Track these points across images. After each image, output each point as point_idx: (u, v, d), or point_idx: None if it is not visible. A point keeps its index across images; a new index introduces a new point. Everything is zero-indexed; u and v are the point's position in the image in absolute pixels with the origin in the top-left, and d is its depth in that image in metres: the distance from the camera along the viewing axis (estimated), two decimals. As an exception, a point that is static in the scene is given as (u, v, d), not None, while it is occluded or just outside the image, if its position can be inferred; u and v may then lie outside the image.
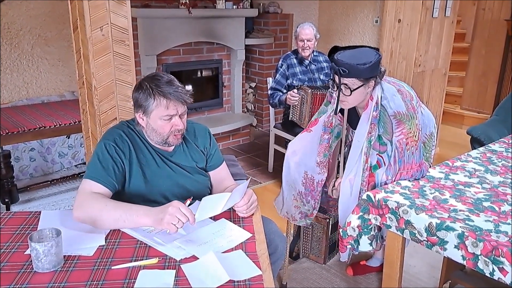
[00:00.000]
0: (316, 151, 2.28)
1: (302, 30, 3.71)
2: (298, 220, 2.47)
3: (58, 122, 3.28)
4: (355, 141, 2.13)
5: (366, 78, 2.01)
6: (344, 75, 1.99)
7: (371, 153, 2.09)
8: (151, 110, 1.75)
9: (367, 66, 1.96)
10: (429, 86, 4.57)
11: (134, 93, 1.80)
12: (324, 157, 2.27)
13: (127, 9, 2.42)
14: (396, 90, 2.09)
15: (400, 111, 2.04)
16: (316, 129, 2.30)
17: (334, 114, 2.21)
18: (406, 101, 2.07)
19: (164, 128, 1.78)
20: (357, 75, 1.99)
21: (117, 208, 1.63)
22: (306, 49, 3.74)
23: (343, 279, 2.72)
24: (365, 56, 2.01)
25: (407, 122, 2.04)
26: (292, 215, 2.48)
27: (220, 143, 5.03)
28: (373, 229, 2.01)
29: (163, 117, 1.75)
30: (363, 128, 2.09)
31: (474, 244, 1.59)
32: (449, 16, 4.44)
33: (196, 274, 1.39)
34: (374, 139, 2.08)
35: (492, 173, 2.19)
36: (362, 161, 2.09)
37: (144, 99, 1.74)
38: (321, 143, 2.27)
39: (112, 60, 2.44)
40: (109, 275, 1.38)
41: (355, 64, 1.96)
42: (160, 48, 4.38)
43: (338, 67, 1.99)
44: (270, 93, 3.86)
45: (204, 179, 1.97)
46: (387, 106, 2.05)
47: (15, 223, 1.70)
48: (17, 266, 1.42)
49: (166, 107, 1.73)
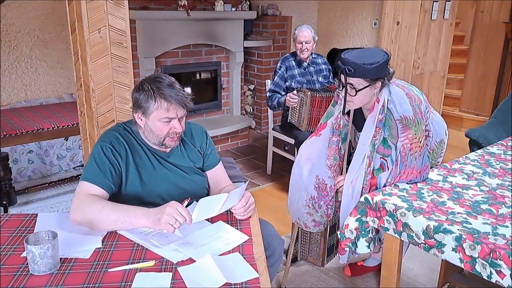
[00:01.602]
0: (326, 155, 2.24)
1: (301, 33, 3.72)
2: (311, 228, 2.42)
3: (57, 124, 3.28)
4: (359, 144, 2.09)
5: (373, 78, 1.96)
6: (349, 74, 1.95)
7: (375, 157, 2.06)
8: (151, 112, 1.75)
9: (374, 66, 1.92)
10: (428, 89, 4.57)
11: (134, 93, 1.80)
12: (334, 160, 2.22)
13: (125, 11, 2.42)
14: (405, 93, 2.03)
15: (407, 116, 1.99)
16: (325, 133, 2.24)
17: (342, 115, 2.17)
18: (414, 106, 2.02)
19: (162, 130, 1.78)
20: (363, 75, 1.94)
21: (114, 210, 1.63)
22: (304, 51, 3.75)
23: (341, 281, 2.72)
24: (373, 56, 1.96)
25: (413, 127, 2.00)
26: (304, 222, 2.41)
27: (219, 146, 5.03)
28: (370, 232, 2.00)
29: (162, 119, 1.75)
30: (369, 132, 2.04)
31: (472, 246, 1.59)
32: (448, 19, 4.45)
33: (193, 276, 1.39)
34: (378, 143, 2.04)
35: (490, 175, 2.19)
36: (365, 165, 2.06)
37: (145, 100, 1.74)
38: (330, 145, 2.22)
39: (110, 62, 2.43)
40: (106, 278, 1.38)
41: (362, 64, 1.91)
42: (159, 50, 4.38)
43: (344, 66, 1.95)
44: (268, 95, 3.86)
45: (201, 179, 1.97)
46: (393, 110, 2.00)
47: (12, 225, 1.69)
48: (13, 269, 1.41)
49: (167, 110, 1.73)
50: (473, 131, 3.63)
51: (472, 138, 3.55)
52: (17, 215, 1.79)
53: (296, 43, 3.77)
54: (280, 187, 4.04)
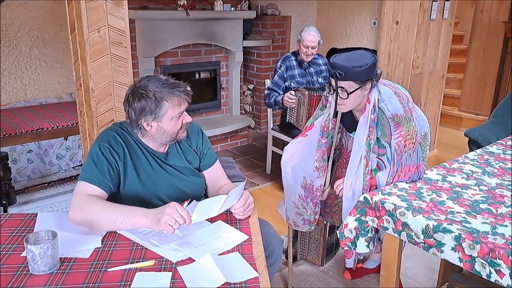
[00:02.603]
0: (314, 156, 2.25)
1: (308, 37, 3.69)
2: (301, 227, 2.46)
3: (56, 124, 3.28)
4: (355, 145, 2.10)
5: (363, 80, 1.99)
6: (340, 78, 1.98)
7: (371, 157, 2.09)
8: (164, 113, 1.74)
9: (363, 69, 1.95)
10: (427, 88, 4.57)
11: (135, 103, 1.73)
12: (324, 161, 2.25)
13: (125, 11, 2.42)
14: (393, 92, 2.07)
15: (398, 114, 2.03)
16: (312, 134, 2.27)
17: (332, 118, 2.19)
18: (404, 104, 2.06)
19: (176, 126, 1.79)
20: (354, 78, 1.97)
21: (113, 210, 1.63)
22: (309, 55, 3.74)
23: (341, 281, 2.72)
24: (361, 58, 2.00)
25: (405, 124, 2.03)
26: (294, 222, 2.46)
27: (218, 145, 5.03)
28: (370, 231, 2.00)
29: (175, 116, 1.76)
30: (363, 132, 2.07)
31: (471, 246, 1.59)
32: (447, 18, 4.45)
33: (193, 276, 1.39)
34: (373, 142, 2.07)
35: (490, 175, 2.19)
36: (362, 165, 2.07)
37: (155, 105, 1.72)
38: (319, 148, 2.24)
39: (109, 62, 2.43)
40: (105, 277, 1.38)
41: (351, 67, 1.94)
42: (158, 50, 4.38)
43: (334, 70, 1.98)
44: (266, 93, 3.86)
45: (199, 181, 1.97)
46: (384, 108, 2.03)
47: (11, 225, 1.69)
48: (13, 268, 1.41)
49: (179, 104, 1.75)
50: (472, 130, 3.64)
51: (471, 137, 3.56)
52: (16, 215, 1.79)
53: (301, 45, 3.75)
54: (279, 187, 4.04)
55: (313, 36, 3.70)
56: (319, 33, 3.75)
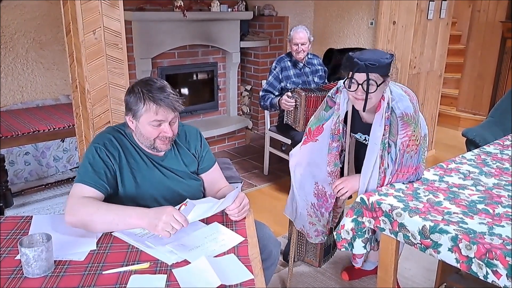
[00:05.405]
0: (326, 161, 2.20)
1: (296, 34, 3.71)
2: (314, 238, 2.43)
3: (53, 126, 3.27)
4: (371, 144, 2.06)
5: (385, 74, 1.97)
6: (371, 69, 1.92)
7: (385, 156, 2.04)
8: (141, 115, 1.74)
9: (390, 61, 1.95)
10: (425, 88, 4.57)
11: (125, 95, 1.80)
12: (335, 166, 2.20)
13: (120, 12, 2.42)
14: (403, 91, 2.06)
15: (408, 113, 2.00)
16: (322, 138, 2.21)
17: (340, 120, 2.15)
18: (414, 103, 2.04)
19: (152, 133, 1.77)
20: (382, 70, 1.94)
21: (109, 211, 1.62)
22: (300, 52, 3.75)
23: (339, 282, 2.72)
24: (380, 54, 1.99)
25: (412, 124, 2.01)
26: (307, 232, 2.43)
27: (215, 146, 5.02)
28: (367, 232, 2.00)
29: (151, 123, 1.74)
30: (378, 131, 2.02)
31: (468, 246, 1.59)
32: (444, 18, 4.45)
33: (188, 278, 1.38)
34: (387, 141, 2.03)
35: (487, 175, 2.19)
36: (378, 165, 2.04)
37: (134, 103, 1.74)
38: (330, 152, 2.19)
39: (105, 63, 2.43)
40: (100, 280, 1.37)
41: (380, 59, 1.93)
42: (155, 51, 4.37)
43: (363, 62, 1.92)
44: (261, 95, 3.85)
45: (196, 184, 1.96)
46: (395, 107, 2.00)
47: (6, 228, 1.69)
48: (7, 272, 1.41)
49: (156, 112, 1.72)
50: (470, 130, 3.64)
51: (469, 137, 3.55)
52: (12, 217, 1.78)
53: (291, 44, 3.77)
54: (277, 188, 4.04)
55: (301, 32, 3.71)
56: (308, 30, 3.75)
